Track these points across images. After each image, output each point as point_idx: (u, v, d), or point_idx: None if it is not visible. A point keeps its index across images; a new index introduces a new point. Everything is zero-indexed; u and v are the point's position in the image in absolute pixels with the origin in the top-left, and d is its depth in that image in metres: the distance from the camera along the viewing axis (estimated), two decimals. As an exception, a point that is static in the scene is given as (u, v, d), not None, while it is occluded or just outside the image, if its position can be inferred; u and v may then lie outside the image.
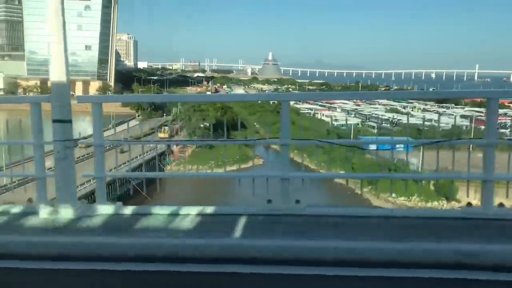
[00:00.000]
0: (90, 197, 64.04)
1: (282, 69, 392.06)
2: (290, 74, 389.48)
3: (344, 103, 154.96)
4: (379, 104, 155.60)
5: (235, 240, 4.79)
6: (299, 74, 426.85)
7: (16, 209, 5.77)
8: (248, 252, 4.49)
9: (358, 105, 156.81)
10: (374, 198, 60.52)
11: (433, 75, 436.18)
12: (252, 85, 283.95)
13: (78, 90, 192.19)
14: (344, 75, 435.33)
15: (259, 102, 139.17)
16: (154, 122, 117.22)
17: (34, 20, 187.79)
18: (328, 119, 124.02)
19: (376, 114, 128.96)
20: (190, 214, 5.59)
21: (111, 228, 5.36)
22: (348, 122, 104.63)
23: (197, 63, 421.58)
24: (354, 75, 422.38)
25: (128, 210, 5.78)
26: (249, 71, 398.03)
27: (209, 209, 5.69)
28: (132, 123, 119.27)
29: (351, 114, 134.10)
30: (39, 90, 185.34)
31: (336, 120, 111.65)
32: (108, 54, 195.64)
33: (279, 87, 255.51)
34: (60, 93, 5.58)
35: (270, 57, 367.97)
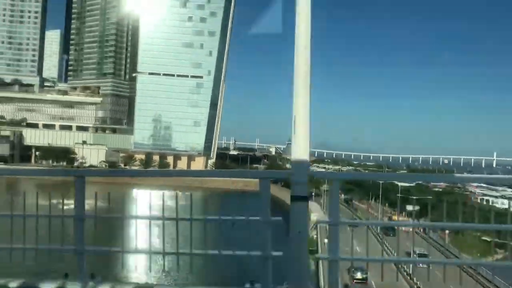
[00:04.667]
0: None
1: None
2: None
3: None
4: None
5: None
6: (316, 154, 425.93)
7: None
8: None
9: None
10: None
11: (446, 161, 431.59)
12: (315, 164, 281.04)
13: (183, 164, 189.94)
14: (361, 157, 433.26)
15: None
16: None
17: (146, 95, 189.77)
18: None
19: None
20: None
21: None
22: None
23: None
24: (371, 158, 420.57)
25: None
26: (273, 150, 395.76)
27: None
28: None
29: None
30: (143, 164, 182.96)
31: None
32: (213, 131, 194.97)
33: (337, 167, 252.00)
34: (301, 170, 5.36)
35: None
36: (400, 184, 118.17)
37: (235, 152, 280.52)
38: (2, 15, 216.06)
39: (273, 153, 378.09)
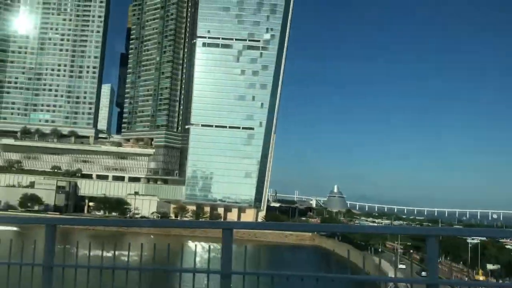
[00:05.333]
0: None
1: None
2: (348, 206, 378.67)
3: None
4: None
5: None
6: (357, 207, 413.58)
7: None
8: None
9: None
10: None
11: (495, 216, 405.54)
12: (363, 218, 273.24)
13: (233, 216, 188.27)
14: (405, 211, 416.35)
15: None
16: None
17: (198, 147, 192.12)
18: None
19: None
20: None
21: None
22: None
23: None
24: (415, 212, 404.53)
25: None
26: (313, 202, 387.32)
27: None
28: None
29: None
30: (194, 215, 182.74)
31: None
32: (263, 183, 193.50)
33: (387, 221, 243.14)
34: None
35: (335, 190, 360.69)
36: (469, 241, 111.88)
37: (276, 204, 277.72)
38: (63, 70, 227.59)
39: (314, 205, 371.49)
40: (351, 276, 5.01)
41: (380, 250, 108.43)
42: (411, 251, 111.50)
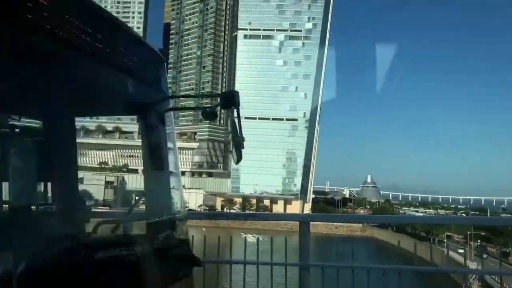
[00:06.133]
0: None
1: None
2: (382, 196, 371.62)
3: None
4: None
5: None
6: (390, 197, 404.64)
7: None
8: None
9: None
10: None
11: None
12: (404, 208, 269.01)
13: (279, 208, 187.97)
14: (440, 199, 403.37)
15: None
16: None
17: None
18: None
19: None
20: None
21: None
22: None
23: None
24: (450, 200, 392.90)
25: None
26: (346, 193, 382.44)
27: None
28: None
29: None
30: (241, 207, 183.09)
31: None
32: (308, 174, 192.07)
33: (431, 210, 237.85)
34: None
35: (369, 180, 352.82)
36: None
37: (312, 195, 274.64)
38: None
39: (347, 195, 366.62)
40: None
41: (444, 241, 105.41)
42: (479, 241, 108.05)
